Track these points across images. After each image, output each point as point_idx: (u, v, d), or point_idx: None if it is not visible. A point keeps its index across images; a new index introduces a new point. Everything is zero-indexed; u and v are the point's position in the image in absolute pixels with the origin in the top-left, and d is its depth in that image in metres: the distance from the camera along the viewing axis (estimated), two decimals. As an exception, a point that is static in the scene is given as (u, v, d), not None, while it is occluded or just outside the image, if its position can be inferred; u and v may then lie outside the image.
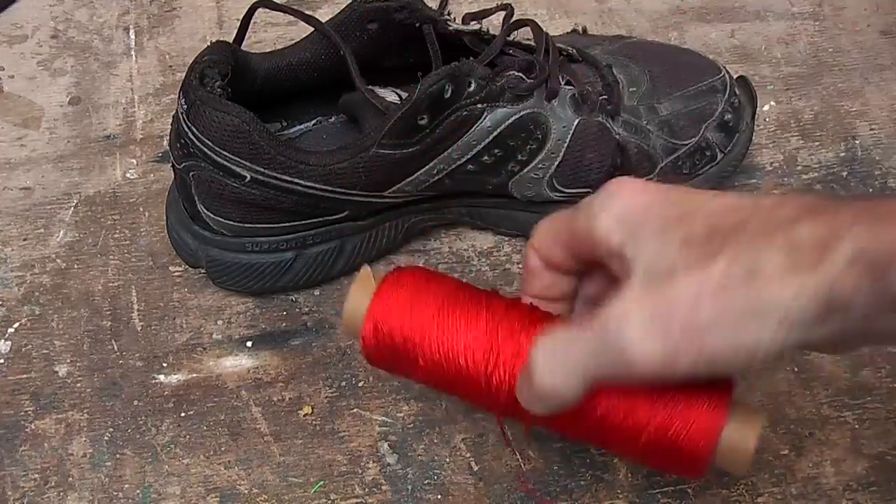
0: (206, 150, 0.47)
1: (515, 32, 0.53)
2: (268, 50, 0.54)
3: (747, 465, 0.39)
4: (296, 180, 0.48)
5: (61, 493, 0.49)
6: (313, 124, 0.55)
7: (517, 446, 0.50)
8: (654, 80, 0.55)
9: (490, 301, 0.42)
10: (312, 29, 0.52)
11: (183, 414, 0.51)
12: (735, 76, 0.58)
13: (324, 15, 0.54)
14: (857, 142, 0.61)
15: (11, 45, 0.67)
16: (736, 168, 0.57)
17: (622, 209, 0.36)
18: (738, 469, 0.40)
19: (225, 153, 0.47)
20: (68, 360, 0.53)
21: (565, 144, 0.52)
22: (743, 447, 0.39)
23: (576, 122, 0.52)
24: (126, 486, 0.49)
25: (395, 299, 0.42)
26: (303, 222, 0.52)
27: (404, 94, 0.50)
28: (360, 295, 0.43)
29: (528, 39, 0.53)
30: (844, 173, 0.60)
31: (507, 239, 0.57)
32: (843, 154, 0.61)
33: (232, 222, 0.51)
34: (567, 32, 0.62)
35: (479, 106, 0.49)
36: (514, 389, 0.40)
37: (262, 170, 0.47)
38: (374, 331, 0.42)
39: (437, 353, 0.41)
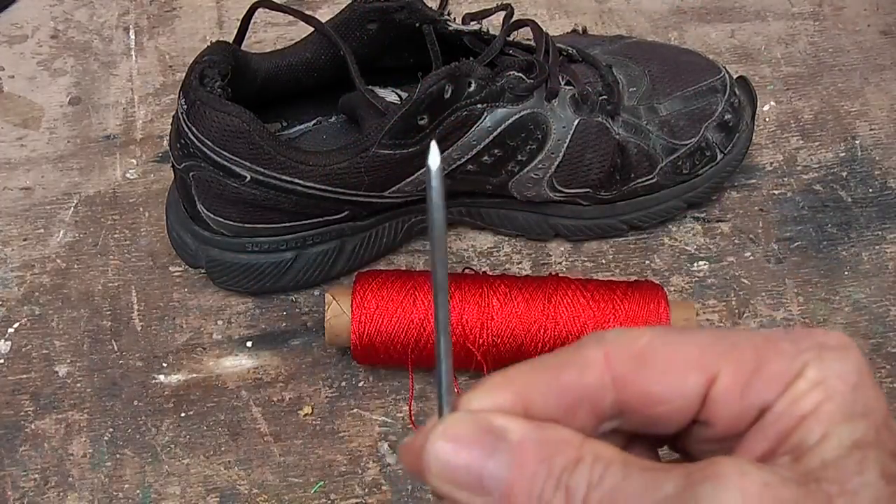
0: (206, 150, 0.47)
1: (515, 32, 0.53)
2: (268, 50, 0.54)
3: None
4: (296, 180, 0.48)
5: (61, 493, 0.49)
6: (313, 124, 0.55)
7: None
8: (654, 80, 0.55)
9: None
10: (312, 29, 0.52)
11: (183, 414, 0.51)
12: (735, 76, 0.58)
13: (324, 15, 0.54)
14: (857, 142, 0.61)
15: (11, 45, 0.67)
16: (736, 168, 0.57)
17: None
18: None
19: (225, 153, 0.47)
20: (68, 360, 0.53)
21: (565, 144, 0.52)
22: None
23: (576, 122, 0.52)
24: (126, 486, 0.49)
25: (369, 303, 0.49)
26: (303, 222, 0.52)
27: (404, 94, 0.50)
28: (336, 319, 0.49)
29: (528, 39, 0.53)
30: (844, 173, 0.60)
31: (506, 239, 0.57)
32: (843, 154, 0.61)
33: (232, 222, 0.51)
34: (567, 32, 0.62)
35: (479, 106, 0.49)
36: (487, 348, 0.49)
37: (262, 170, 0.47)
38: (360, 338, 0.49)
39: (421, 337, 0.49)
